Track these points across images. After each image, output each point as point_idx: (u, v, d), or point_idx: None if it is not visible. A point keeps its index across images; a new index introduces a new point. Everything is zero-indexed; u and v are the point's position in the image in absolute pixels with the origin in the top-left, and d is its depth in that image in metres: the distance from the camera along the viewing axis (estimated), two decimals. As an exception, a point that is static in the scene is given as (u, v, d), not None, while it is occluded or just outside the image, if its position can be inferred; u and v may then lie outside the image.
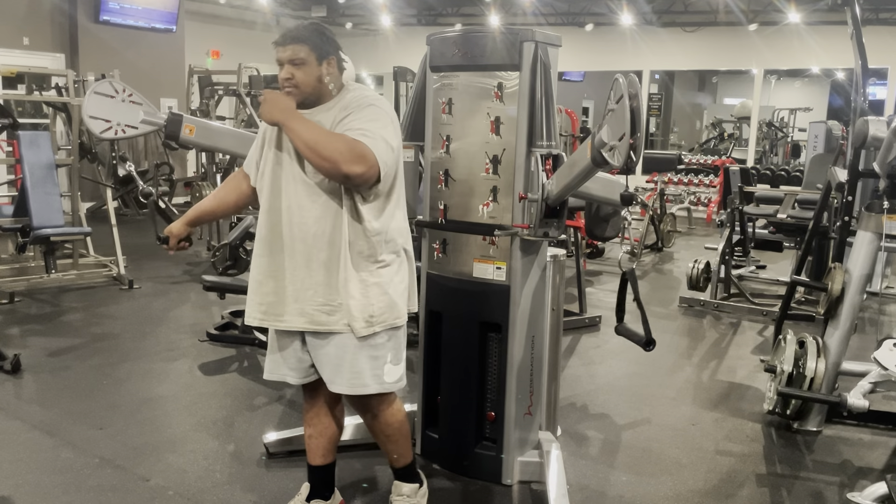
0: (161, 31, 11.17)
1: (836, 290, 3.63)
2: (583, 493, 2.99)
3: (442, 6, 13.32)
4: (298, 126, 2.24)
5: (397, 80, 10.35)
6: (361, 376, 2.41)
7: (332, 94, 2.38)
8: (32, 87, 8.87)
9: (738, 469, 3.25)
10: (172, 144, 4.44)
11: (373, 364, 2.41)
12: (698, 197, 11.18)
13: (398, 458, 2.63)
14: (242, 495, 2.88)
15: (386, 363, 2.44)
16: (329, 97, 2.37)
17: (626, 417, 3.80)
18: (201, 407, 3.78)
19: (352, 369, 2.40)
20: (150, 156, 10.35)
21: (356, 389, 2.43)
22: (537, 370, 3.00)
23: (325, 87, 2.36)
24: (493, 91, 2.82)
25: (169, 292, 6.10)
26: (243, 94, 9.88)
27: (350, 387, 2.43)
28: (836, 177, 4.30)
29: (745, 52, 12.14)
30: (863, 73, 4.90)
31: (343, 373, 2.40)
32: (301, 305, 2.36)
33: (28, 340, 4.73)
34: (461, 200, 2.94)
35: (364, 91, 2.43)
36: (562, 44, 2.87)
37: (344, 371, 2.40)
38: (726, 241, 6.11)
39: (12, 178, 7.02)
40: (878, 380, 3.42)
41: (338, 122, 2.31)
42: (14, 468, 3.04)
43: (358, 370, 2.40)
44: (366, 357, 2.40)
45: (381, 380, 2.44)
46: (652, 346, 2.61)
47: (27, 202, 5.69)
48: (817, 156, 7.34)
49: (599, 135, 2.44)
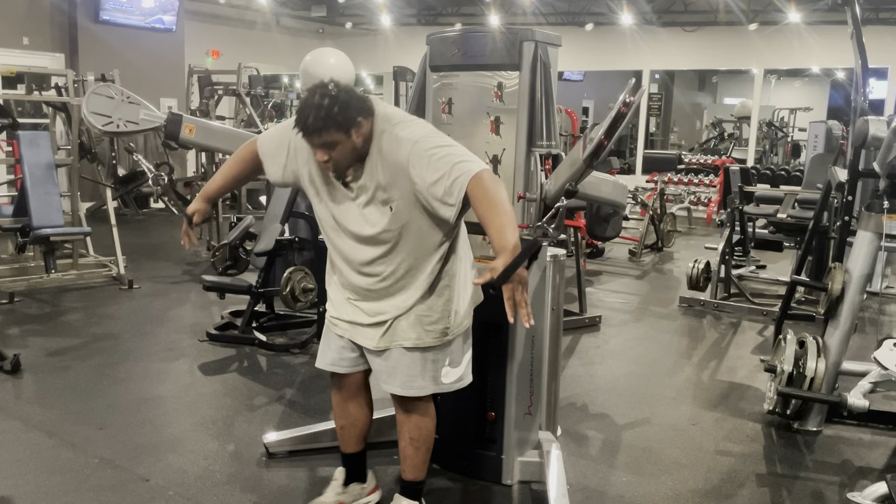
0: (161, 31, 11.16)
1: (836, 289, 3.63)
2: (583, 493, 2.99)
3: (442, 6, 13.32)
4: (517, 247, 2.17)
5: (397, 80, 10.35)
6: (416, 378, 2.44)
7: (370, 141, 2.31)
8: (32, 87, 8.87)
9: (738, 469, 3.25)
10: (172, 144, 4.44)
11: (433, 367, 2.45)
12: (698, 197, 11.18)
13: (411, 469, 2.60)
14: (242, 495, 2.88)
15: (444, 366, 2.47)
16: (368, 145, 2.31)
17: (626, 417, 3.80)
18: (201, 407, 3.78)
19: (408, 372, 2.43)
20: (150, 156, 10.33)
21: (409, 391, 2.47)
22: (537, 370, 3.00)
23: (365, 145, 2.29)
24: (493, 91, 2.82)
25: (169, 292, 6.10)
26: (243, 93, 9.88)
27: (405, 388, 2.46)
28: (836, 176, 4.29)
29: (745, 51, 12.13)
30: (863, 73, 4.90)
31: (397, 374, 2.44)
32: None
33: (28, 340, 4.73)
34: (461, 200, 2.94)
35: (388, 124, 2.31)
36: (562, 43, 2.87)
37: (398, 373, 2.44)
38: (726, 240, 6.11)
39: (12, 177, 7.02)
40: (878, 380, 3.42)
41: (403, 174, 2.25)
42: (14, 468, 3.04)
43: (413, 372, 2.43)
44: (425, 360, 2.43)
45: (437, 380, 2.47)
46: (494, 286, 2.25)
47: (27, 202, 5.69)
48: (817, 156, 7.33)
49: (592, 133, 2.46)
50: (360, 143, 2.25)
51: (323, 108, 2.18)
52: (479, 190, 2.18)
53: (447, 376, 2.47)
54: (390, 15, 13.03)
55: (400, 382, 2.45)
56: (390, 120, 2.31)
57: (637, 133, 14.30)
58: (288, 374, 4.29)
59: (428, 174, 2.22)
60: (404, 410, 2.52)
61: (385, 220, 2.31)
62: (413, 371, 2.43)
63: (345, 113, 2.19)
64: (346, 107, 2.19)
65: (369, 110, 2.27)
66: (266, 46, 13.46)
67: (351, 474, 2.72)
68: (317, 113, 2.18)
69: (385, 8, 12.66)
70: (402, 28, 13.68)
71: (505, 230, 2.16)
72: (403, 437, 2.56)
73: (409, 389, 2.46)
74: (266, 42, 13.57)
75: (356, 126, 2.22)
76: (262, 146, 2.56)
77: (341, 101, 2.19)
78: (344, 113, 2.19)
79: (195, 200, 2.75)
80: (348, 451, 2.70)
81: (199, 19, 12.40)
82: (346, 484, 2.71)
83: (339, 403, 2.66)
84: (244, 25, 13.32)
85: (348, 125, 2.21)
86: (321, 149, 2.24)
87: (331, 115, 2.18)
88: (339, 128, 2.19)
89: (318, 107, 2.18)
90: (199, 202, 2.72)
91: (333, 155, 2.24)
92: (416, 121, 2.38)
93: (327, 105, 2.18)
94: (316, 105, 2.19)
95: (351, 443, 2.69)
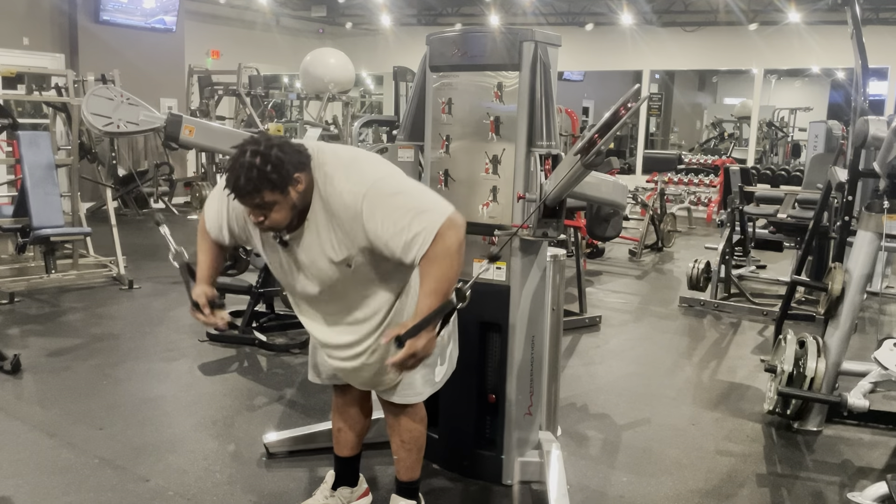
0: (161, 31, 11.17)
1: (837, 289, 3.63)
2: (583, 493, 2.99)
3: (442, 6, 13.32)
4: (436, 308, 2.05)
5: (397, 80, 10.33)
6: (414, 386, 2.43)
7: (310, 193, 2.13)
8: (32, 87, 8.87)
9: (738, 469, 3.25)
10: (172, 145, 4.45)
11: (427, 371, 2.42)
12: (698, 197, 11.18)
13: (405, 470, 2.59)
14: (242, 495, 2.88)
15: (437, 366, 2.45)
16: (309, 198, 2.13)
17: (626, 417, 3.80)
18: (201, 407, 3.78)
19: (405, 381, 2.41)
20: (150, 156, 10.35)
21: (408, 399, 2.45)
22: (537, 370, 3.00)
23: (305, 197, 2.11)
24: (492, 91, 2.82)
25: (169, 292, 6.09)
26: (243, 94, 9.89)
27: (403, 397, 2.45)
28: (837, 177, 4.29)
29: (745, 51, 12.14)
30: (863, 73, 4.90)
31: (398, 385, 2.42)
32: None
33: (28, 340, 4.73)
34: (461, 200, 2.93)
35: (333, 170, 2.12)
36: (562, 43, 2.86)
37: (399, 384, 2.42)
38: (726, 240, 6.11)
39: (12, 178, 7.02)
40: (878, 380, 3.42)
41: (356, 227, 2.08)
42: (14, 468, 3.04)
43: (411, 381, 2.42)
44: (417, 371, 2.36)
45: (433, 382, 2.46)
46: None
47: (27, 202, 5.69)
48: (817, 155, 7.33)
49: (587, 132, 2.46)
50: (299, 200, 2.09)
51: (255, 167, 1.99)
52: (439, 247, 2.04)
53: (439, 374, 2.48)
54: (390, 15, 13.03)
55: (398, 395, 2.45)
56: (334, 165, 2.13)
57: (637, 133, 14.31)
58: (288, 374, 4.28)
59: (383, 227, 2.06)
60: (394, 414, 2.52)
61: (339, 275, 2.18)
62: (410, 380, 2.42)
63: (279, 171, 2.01)
64: (279, 163, 2.01)
65: (306, 163, 2.09)
66: (266, 46, 13.47)
67: (342, 478, 2.70)
68: (248, 173, 2.00)
69: (385, 8, 12.66)
70: (402, 28, 13.68)
71: (432, 295, 2.06)
72: (395, 440, 2.55)
73: (407, 398, 2.46)
74: (266, 42, 13.57)
75: (293, 183, 2.05)
76: (207, 221, 2.38)
77: (274, 158, 2.00)
78: (278, 171, 2.01)
79: (199, 285, 2.40)
80: (342, 455, 2.69)
81: (199, 19, 12.40)
82: (336, 487, 2.70)
83: (340, 406, 2.65)
84: (244, 25, 13.32)
85: (284, 183, 2.03)
86: (256, 209, 2.07)
87: (263, 175, 1.99)
88: (274, 187, 2.02)
89: (248, 166, 2.00)
90: (201, 285, 2.40)
91: (271, 215, 2.08)
92: (365, 161, 2.18)
93: (259, 164, 1.99)
94: (247, 165, 2.00)
95: (346, 446, 2.67)
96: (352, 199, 2.08)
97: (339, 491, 2.69)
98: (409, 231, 2.05)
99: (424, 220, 2.06)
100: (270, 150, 2.02)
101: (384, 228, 2.07)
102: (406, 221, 2.05)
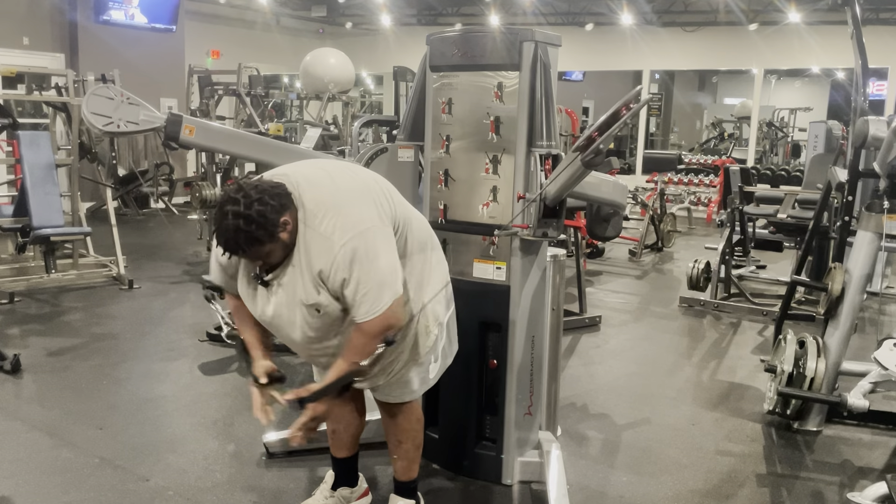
0: (161, 31, 11.16)
1: (836, 290, 3.63)
2: (583, 493, 2.99)
3: (442, 6, 13.32)
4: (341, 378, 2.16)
5: (397, 80, 10.33)
6: (410, 384, 2.45)
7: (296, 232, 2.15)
8: (32, 87, 8.86)
9: (738, 469, 3.25)
10: (172, 145, 4.45)
11: (421, 370, 2.44)
12: (698, 197, 11.18)
13: (403, 470, 2.61)
14: (242, 495, 2.88)
15: (430, 364, 2.47)
16: (295, 236, 2.15)
17: (626, 417, 3.80)
18: (201, 407, 3.78)
19: (400, 381, 2.43)
20: (150, 156, 10.34)
21: (404, 398, 2.48)
22: (537, 370, 3.00)
23: (293, 236, 2.14)
24: (492, 91, 2.82)
25: (169, 292, 6.09)
26: (243, 93, 9.88)
27: (397, 398, 2.47)
28: (837, 177, 4.29)
29: (745, 51, 12.13)
30: (863, 73, 4.89)
31: (392, 386, 2.44)
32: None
33: (28, 340, 4.73)
34: (461, 200, 2.94)
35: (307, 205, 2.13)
36: (562, 44, 2.86)
37: (392, 385, 2.43)
38: (726, 240, 6.11)
39: (12, 178, 7.02)
40: (878, 380, 3.43)
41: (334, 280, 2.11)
42: (14, 468, 3.04)
43: (406, 380, 2.43)
44: (412, 374, 2.42)
45: (427, 380, 2.48)
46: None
47: (27, 202, 5.69)
48: (817, 156, 7.32)
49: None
50: (290, 238, 2.12)
51: (240, 230, 2.02)
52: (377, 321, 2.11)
53: (432, 371, 2.49)
54: (390, 15, 13.03)
55: (393, 394, 2.47)
56: (315, 204, 2.14)
57: (637, 133, 14.31)
58: (288, 374, 4.26)
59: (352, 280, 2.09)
60: (390, 415, 2.53)
61: (310, 317, 2.20)
62: (405, 379, 2.43)
63: (265, 227, 2.04)
64: (263, 219, 2.03)
65: (288, 203, 2.10)
66: (266, 46, 13.46)
67: (341, 478, 2.71)
68: (235, 238, 2.04)
69: (385, 8, 12.66)
70: (402, 28, 13.68)
71: (342, 366, 2.17)
72: (392, 440, 2.57)
73: (402, 398, 2.48)
74: (266, 42, 13.57)
75: (281, 229, 2.07)
76: (225, 286, 2.40)
77: (256, 215, 2.02)
78: (264, 227, 2.04)
79: (258, 360, 2.36)
80: (339, 456, 2.70)
81: (199, 19, 12.40)
82: (336, 487, 2.71)
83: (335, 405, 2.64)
84: (244, 25, 13.32)
85: (272, 234, 2.06)
86: (252, 259, 2.15)
87: (250, 235, 2.03)
88: (263, 242, 2.06)
89: (234, 230, 2.03)
90: (262, 359, 2.35)
91: (266, 260, 2.14)
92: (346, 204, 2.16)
93: (243, 226, 2.02)
94: (231, 228, 2.03)
95: (342, 447, 2.68)
96: (331, 245, 2.10)
97: (339, 491, 2.70)
98: (360, 292, 2.10)
99: (385, 294, 2.12)
100: (251, 207, 2.02)
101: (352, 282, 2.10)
102: (367, 288, 2.10)
